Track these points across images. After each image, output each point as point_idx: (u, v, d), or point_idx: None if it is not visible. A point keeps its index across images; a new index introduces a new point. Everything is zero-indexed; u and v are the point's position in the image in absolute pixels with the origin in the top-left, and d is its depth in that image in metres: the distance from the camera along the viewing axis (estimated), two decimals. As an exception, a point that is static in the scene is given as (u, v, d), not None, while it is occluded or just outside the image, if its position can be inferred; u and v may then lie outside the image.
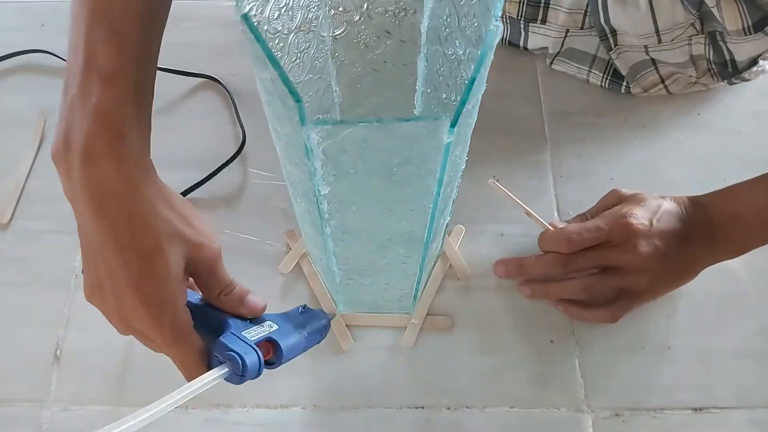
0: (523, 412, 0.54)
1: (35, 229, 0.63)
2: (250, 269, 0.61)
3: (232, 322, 0.44)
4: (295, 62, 0.51)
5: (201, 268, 0.43)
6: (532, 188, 0.66)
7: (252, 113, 0.69)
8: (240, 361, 0.40)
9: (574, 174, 0.67)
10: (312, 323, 0.50)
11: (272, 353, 0.44)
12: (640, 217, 0.54)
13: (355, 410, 0.55)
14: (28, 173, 0.66)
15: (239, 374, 0.40)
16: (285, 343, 0.45)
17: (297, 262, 0.61)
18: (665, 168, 0.67)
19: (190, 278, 0.44)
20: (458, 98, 0.34)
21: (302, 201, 0.47)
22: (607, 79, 0.70)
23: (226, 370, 0.40)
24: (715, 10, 0.60)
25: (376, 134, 0.35)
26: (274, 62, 0.34)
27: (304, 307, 0.52)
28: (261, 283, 0.60)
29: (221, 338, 0.42)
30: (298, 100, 0.33)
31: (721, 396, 0.56)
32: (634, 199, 0.56)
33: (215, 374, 0.40)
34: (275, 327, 0.46)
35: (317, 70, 0.54)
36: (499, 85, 0.71)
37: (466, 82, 0.34)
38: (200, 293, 0.46)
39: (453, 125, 0.34)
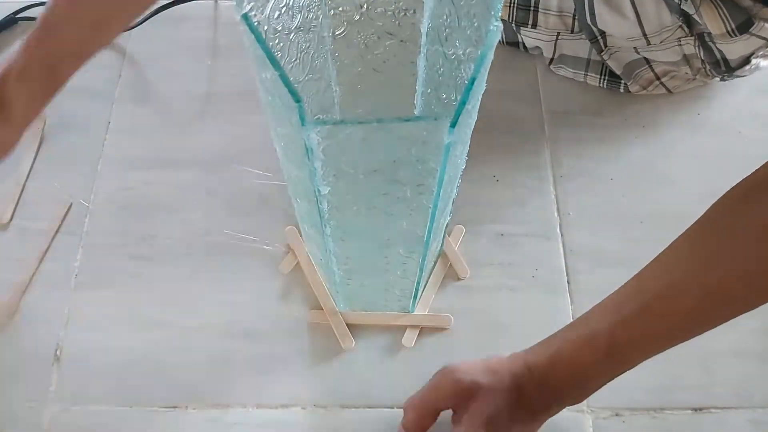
0: (523, 412, 0.53)
1: (35, 229, 0.63)
2: (250, 269, 0.61)
3: None
4: (295, 62, 0.51)
5: None
6: (532, 188, 0.66)
7: (249, 112, 0.69)
8: None
9: (574, 174, 0.67)
10: None
11: None
12: None
13: (355, 410, 0.55)
14: (28, 173, 0.66)
15: None
16: None
17: (297, 262, 0.61)
18: (665, 168, 0.67)
19: None
20: (458, 98, 0.34)
21: (302, 201, 0.47)
22: (604, 80, 0.70)
23: None
24: (696, 17, 0.59)
25: (376, 134, 0.35)
26: (274, 62, 0.34)
27: None
28: (261, 283, 0.60)
29: None
30: (298, 100, 0.33)
31: (721, 396, 0.56)
32: (468, 400, 0.49)
33: None
34: None
35: (317, 70, 0.54)
36: (499, 85, 0.70)
37: (466, 82, 0.34)
38: None
39: (453, 125, 0.34)
